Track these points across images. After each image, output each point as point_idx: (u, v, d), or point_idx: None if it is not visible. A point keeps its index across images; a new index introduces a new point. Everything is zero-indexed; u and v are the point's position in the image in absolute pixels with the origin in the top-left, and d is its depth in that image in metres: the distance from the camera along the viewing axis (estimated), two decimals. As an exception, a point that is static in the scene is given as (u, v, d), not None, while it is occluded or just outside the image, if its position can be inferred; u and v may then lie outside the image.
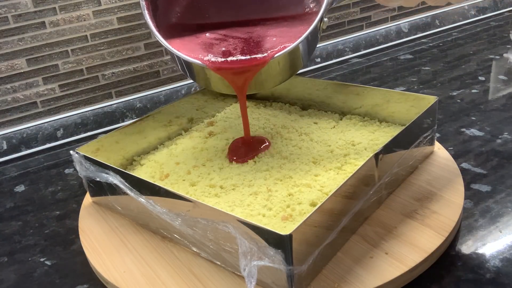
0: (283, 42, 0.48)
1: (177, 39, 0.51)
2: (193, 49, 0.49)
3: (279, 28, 0.51)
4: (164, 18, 0.53)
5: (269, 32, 0.51)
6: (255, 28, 0.52)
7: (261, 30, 0.52)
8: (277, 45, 0.48)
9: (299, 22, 0.51)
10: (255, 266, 0.37)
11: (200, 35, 0.52)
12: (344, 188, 0.42)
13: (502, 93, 0.76)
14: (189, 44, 0.50)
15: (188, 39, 0.52)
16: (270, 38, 0.50)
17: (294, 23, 0.51)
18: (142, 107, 0.82)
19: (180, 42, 0.51)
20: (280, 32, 0.51)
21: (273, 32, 0.51)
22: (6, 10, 0.69)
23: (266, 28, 0.52)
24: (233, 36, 0.51)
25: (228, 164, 0.56)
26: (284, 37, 0.49)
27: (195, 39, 0.52)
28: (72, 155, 0.53)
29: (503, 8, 1.19)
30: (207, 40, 0.51)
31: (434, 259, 0.43)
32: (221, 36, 0.52)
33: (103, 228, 0.51)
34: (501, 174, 0.56)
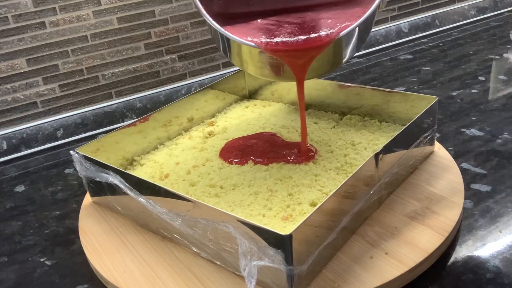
0: (342, 22, 0.46)
1: (228, 26, 0.48)
2: (247, 33, 0.47)
3: (333, 11, 0.49)
4: (213, 6, 0.51)
5: (323, 15, 0.49)
6: (307, 13, 0.50)
7: (314, 15, 0.49)
8: (334, 26, 0.45)
9: (353, 4, 0.49)
10: (255, 266, 0.37)
11: (251, 22, 0.50)
12: (344, 188, 0.42)
13: (502, 93, 0.76)
14: (242, 29, 0.48)
15: (240, 25, 0.49)
16: (325, 20, 0.47)
17: (348, 6, 0.49)
18: (142, 107, 0.82)
19: (232, 28, 0.48)
20: (335, 14, 0.48)
21: (327, 15, 0.49)
22: (6, 10, 0.69)
23: (318, 13, 0.50)
24: (286, 21, 0.49)
25: (228, 164, 0.56)
26: (341, 18, 0.47)
27: (247, 25, 0.49)
28: (72, 155, 0.53)
29: (503, 8, 1.19)
30: (261, 25, 0.49)
31: (434, 259, 0.43)
32: (274, 22, 0.49)
33: (103, 228, 0.51)
34: (501, 174, 0.56)
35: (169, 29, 0.82)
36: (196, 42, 0.85)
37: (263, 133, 0.62)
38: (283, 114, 0.68)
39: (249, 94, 0.75)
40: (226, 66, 0.89)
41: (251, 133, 0.63)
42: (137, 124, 0.61)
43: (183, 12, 0.82)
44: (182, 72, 0.85)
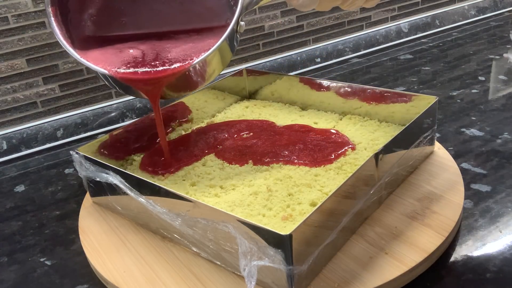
0: (190, 54, 0.49)
1: (92, 50, 0.51)
2: (105, 60, 0.50)
3: (190, 41, 0.52)
4: (77, 28, 0.52)
5: (178, 45, 0.51)
6: (166, 41, 0.52)
7: (171, 43, 0.52)
8: (184, 58, 0.49)
9: (212, 34, 0.51)
10: (255, 266, 0.37)
11: (114, 46, 0.52)
12: (344, 188, 0.42)
13: (502, 93, 0.76)
14: (104, 55, 0.51)
15: (103, 49, 0.51)
16: (179, 51, 0.50)
17: (207, 35, 0.52)
18: (142, 107, 0.82)
19: (96, 52, 0.51)
20: (191, 44, 0.51)
21: (182, 45, 0.51)
22: (6, 10, 0.69)
23: (179, 40, 0.52)
24: (144, 47, 0.52)
25: (228, 164, 0.56)
26: (193, 50, 0.50)
27: (109, 49, 0.51)
28: (72, 155, 0.53)
29: (503, 8, 1.19)
30: (121, 50, 0.51)
31: (434, 259, 0.43)
32: (133, 47, 0.52)
33: (103, 228, 0.51)
34: (501, 174, 0.56)
35: (169, 29, 0.82)
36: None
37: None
38: (283, 114, 0.68)
39: (249, 94, 0.75)
40: (226, 66, 0.89)
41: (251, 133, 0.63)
42: (137, 124, 0.61)
43: (183, 12, 0.82)
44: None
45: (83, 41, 0.51)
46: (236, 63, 0.91)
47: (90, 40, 0.51)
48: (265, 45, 0.92)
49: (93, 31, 0.52)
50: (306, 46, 0.97)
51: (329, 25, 0.98)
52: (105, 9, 0.53)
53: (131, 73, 0.48)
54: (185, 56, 0.49)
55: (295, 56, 0.95)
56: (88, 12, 0.52)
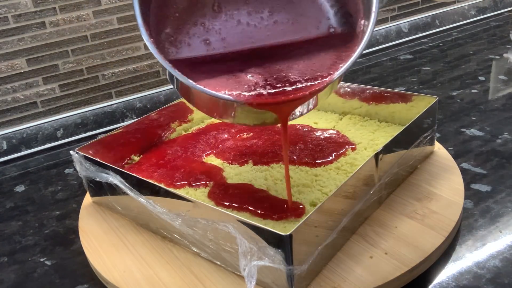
0: (321, 68, 0.42)
1: (193, 72, 0.42)
2: (220, 84, 0.42)
3: (304, 53, 0.45)
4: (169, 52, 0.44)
5: (296, 60, 0.44)
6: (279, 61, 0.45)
7: (286, 59, 0.45)
8: (315, 73, 0.42)
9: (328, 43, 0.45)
10: (255, 266, 0.37)
11: (220, 67, 0.44)
12: (344, 188, 0.42)
13: (502, 93, 0.76)
14: (213, 79, 0.42)
15: (208, 72, 0.43)
16: (302, 65, 0.43)
17: (322, 45, 0.45)
18: (142, 107, 0.82)
19: (200, 76, 0.42)
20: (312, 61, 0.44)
21: (300, 59, 0.44)
22: (6, 10, 0.69)
23: (291, 57, 0.45)
24: (255, 68, 0.44)
25: (228, 164, 0.56)
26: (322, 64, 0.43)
27: (216, 73, 0.43)
28: (72, 155, 0.53)
29: (503, 8, 1.19)
30: (233, 74, 0.44)
31: (434, 259, 0.43)
32: (244, 70, 0.44)
33: (103, 228, 0.51)
34: (501, 174, 0.56)
35: (169, 29, 0.82)
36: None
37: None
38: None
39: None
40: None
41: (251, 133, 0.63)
42: (137, 124, 0.61)
43: (183, 12, 0.82)
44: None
45: (178, 62, 0.43)
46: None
47: (177, 63, 0.43)
48: (265, 45, 0.92)
49: (179, 53, 0.44)
50: (306, 46, 0.97)
51: (329, 25, 0.98)
52: (184, 27, 0.45)
53: (270, 96, 0.40)
54: (314, 71, 0.42)
55: (295, 56, 0.95)
56: (165, 32, 0.44)
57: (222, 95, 0.40)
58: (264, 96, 0.40)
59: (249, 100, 0.40)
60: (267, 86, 0.41)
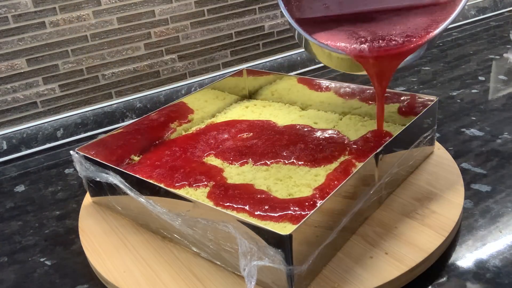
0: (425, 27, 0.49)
1: (316, 30, 0.52)
2: (336, 39, 0.51)
3: (407, 16, 0.52)
4: (297, 11, 0.54)
5: (403, 20, 0.52)
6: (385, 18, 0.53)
7: (393, 19, 0.52)
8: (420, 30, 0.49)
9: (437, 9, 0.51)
10: (255, 266, 0.37)
11: (336, 28, 0.53)
12: (344, 188, 0.42)
13: (502, 93, 0.76)
14: (337, 35, 0.51)
15: (330, 31, 0.52)
16: (410, 24, 0.50)
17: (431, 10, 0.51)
18: (142, 107, 0.82)
19: (322, 33, 0.52)
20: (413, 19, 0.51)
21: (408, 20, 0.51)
22: (6, 10, 0.69)
23: (399, 17, 0.52)
24: (367, 27, 0.52)
25: (228, 164, 0.56)
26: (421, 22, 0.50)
27: (337, 31, 0.52)
28: (72, 155, 0.53)
29: (503, 8, 1.19)
30: (347, 30, 0.52)
31: (434, 259, 0.43)
32: (356, 27, 0.53)
33: (103, 228, 0.51)
34: (501, 174, 0.56)
35: (169, 29, 0.82)
36: (196, 42, 0.85)
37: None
38: (283, 114, 0.68)
39: (249, 94, 0.75)
40: (226, 66, 0.89)
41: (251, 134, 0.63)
42: (137, 124, 0.61)
43: (183, 12, 0.82)
44: (182, 72, 0.85)
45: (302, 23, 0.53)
46: (236, 63, 0.91)
47: (302, 22, 0.53)
48: (265, 45, 0.92)
49: (306, 13, 0.54)
50: (306, 46, 0.97)
51: (329, 25, 0.98)
52: None
53: (383, 49, 0.48)
54: (414, 32, 0.49)
55: (295, 56, 0.95)
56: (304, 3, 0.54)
57: (335, 49, 0.49)
58: (374, 49, 0.48)
59: (362, 53, 0.48)
60: (374, 42, 0.49)
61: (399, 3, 0.53)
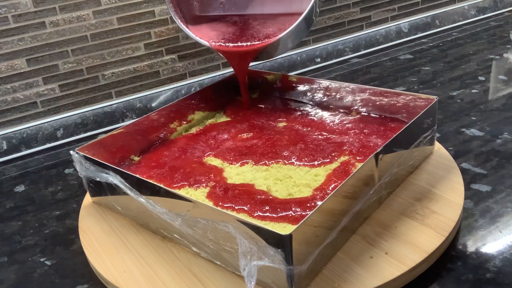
0: (276, 31, 0.64)
1: (202, 25, 0.69)
2: (208, 34, 0.67)
3: (275, 21, 0.66)
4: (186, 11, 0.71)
5: (264, 25, 0.66)
6: (254, 22, 0.68)
7: (258, 23, 0.67)
8: (267, 35, 0.64)
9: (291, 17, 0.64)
10: (255, 266, 0.37)
11: (218, 23, 0.70)
12: (344, 188, 0.42)
13: (502, 93, 0.76)
14: (207, 30, 0.69)
15: (208, 25, 0.70)
16: (264, 29, 0.65)
17: (288, 17, 0.65)
18: (142, 107, 0.82)
19: (205, 27, 0.69)
20: (273, 23, 0.66)
21: (269, 24, 0.66)
22: (6, 10, 0.69)
23: (266, 21, 0.67)
24: (238, 26, 0.68)
25: (228, 164, 0.56)
26: (273, 27, 0.65)
27: (215, 25, 0.69)
28: (72, 155, 0.53)
29: (503, 8, 1.19)
30: (219, 27, 0.69)
31: (434, 259, 0.43)
32: (229, 26, 0.69)
33: (103, 228, 0.51)
34: (501, 174, 0.56)
35: (169, 29, 0.82)
36: (196, 42, 0.85)
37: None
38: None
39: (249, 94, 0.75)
40: (226, 66, 0.89)
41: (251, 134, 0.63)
42: (137, 124, 0.61)
43: (183, 12, 0.82)
44: (182, 72, 0.85)
45: (195, 19, 0.71)
46: (236, 63, 0.91)
47: (200, 18, 0.71)
48: (265, 45, 0.92)
49: (199, 11, 0.71)
50: (306, 46, 0.97)
51: (329, 25, 0.98)
52: None
53: (226, 46, 0.65)
54: (268, 34, 0.64)
55: (295, 56, 0.95)
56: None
57: (199, 39, 0.67)
58: (223, 46, 0.65)
59: (214, 47, 0.66)
60: (230, 40, 0.65)
61: (268, 10, 0.68)
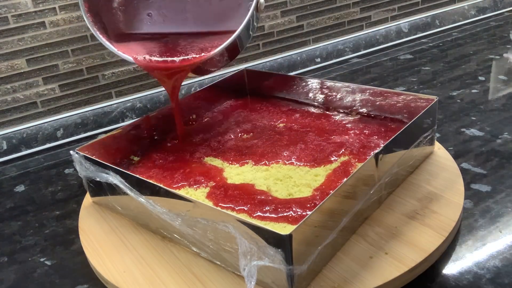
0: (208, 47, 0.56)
1: (128, 42, 0.60)
2: (134, 50, 0.58)
3: (207, 37, 0.59)
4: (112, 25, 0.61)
5: (193, 42, 0.58)
6: (182, 40, 0.60)
7: (186, 41, 0.59)
8: (200, 51, 0.56)
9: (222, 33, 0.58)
10: (255, 266, 0.37)
11: (145, 39, 0.61)
12: (344, 188, 0.42)
13: (502, 93, 0.77)
14: (136, 46, 0.60)
15: (136, 42, 0.61)
16: (192, 46, 0.58)
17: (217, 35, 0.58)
18: (142, 107, 0.82)
19: (131, 44, 0.60)
20: (202, 42, 0.58)
21: (196, 42, 0.58)
22: (6, 10, 0.69)
23: (191, 39, 0.59)
24: (164, 45, 0.59)
25: (228, 164, 0.56)
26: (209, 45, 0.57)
27: (141, 41, 0.60)
28: (72, 155, 0.53)
29: (503, 8, 1.19)
30: (147, 46, 0.60)
31: (434, 259, 0.43)
32: (157, 44, 0.60)
33: (103, 228, 0.51)
34: (501, 174, 0.56)
35: (169, 29, 0.82)
36: (196, 42, 0.85)
37: None
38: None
39: (249, 94, 0.75)
40: (226, 66, 0.89)
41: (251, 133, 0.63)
42: (137, 124, 0.61)
43: (183, 12, 0.82)
44: (182, 72, 0.85)
45: (120, 36, 0.60)
46: (236, 63, 0.91)
47: (127, 35, 0.61)
48: (265, 45, 0.92)
49: (125, 28, 0.61)
50: (306, 46, 0.97)
51: (329, 25, 0.98)
52: (131, 9, 0.61)
53: (152, 61, 0.56)
54: (201, 50, 0.56)
55: (295, 56, 0.95)
56: (116, 12, 0.61)
57: (123, 54, 0.57)
58: (146, 61, 0.56)
59: (138, 62, 0.56)
60: (157, 56, 0.56)
61: (201, 27, 0.61)
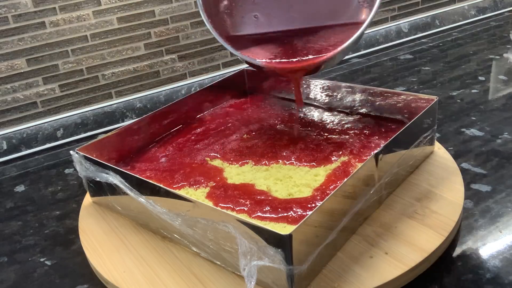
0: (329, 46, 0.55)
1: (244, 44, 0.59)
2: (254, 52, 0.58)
3: (325, 37, 0.57)
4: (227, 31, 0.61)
5: (315, 40, 0.58)
6: (304, 37, 0.59)
7: (308, 39, 0.58)
8: (323, 51, 0.55)
9: (344, 30, 0.56)
10: (255, 266, 0.37)
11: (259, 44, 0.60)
12: (344, 188, 0.42)
13: (502, 93, 0.76)
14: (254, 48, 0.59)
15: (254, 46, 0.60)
16: (316, 45, 0.57)
17: (342, 30, 0.57)
18: (142, 107, 0.82)
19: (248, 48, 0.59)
20: (326, 39, 0.57)
21: (319, 40, 0.57)
22: (6, 10, 0.69)
23: (313, 36, 0.58)
24: (285, 44, 0.58)
25: (228, 164, 0.56)
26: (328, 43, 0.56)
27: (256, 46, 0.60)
28: (72, 155, 0.53)
29: (503, 8, 1.19)
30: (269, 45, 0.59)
31: (434, 259, 0.43)
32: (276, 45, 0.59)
33: (103, 228, 0.51)
34: (501, 174, 0.56)
35: (169, 29, 0.82)
36: (196, 42, 0.85)
37: None
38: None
39: (249, 94, 0.75)
40: (226, 66, 0.89)
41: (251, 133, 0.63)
42: (137, 124, 0.61)
43: (183, 12, 0.82)
44: (182, 72, 0.85)
45: (236, 38, 0.60)
46: (236, 63, 0.91)
47: (242, 38, 0.60)
48: (265, 45, 0.92)
49: (232, 29, 0.61)
50: (306, 46, 0.97)
51: (329, 25, 0.98)
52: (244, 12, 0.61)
53: (280, 62, 0.56)
54: (322, 48, 0.55)
55: (295, 56, 0.95)
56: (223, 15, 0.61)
57: (249, 58, 0.56)
58: (273, 64, 0.56)
59: (266, 65, 0.56)
60: (284, 57, 0.56)
61: (316, 23, 0.59)
